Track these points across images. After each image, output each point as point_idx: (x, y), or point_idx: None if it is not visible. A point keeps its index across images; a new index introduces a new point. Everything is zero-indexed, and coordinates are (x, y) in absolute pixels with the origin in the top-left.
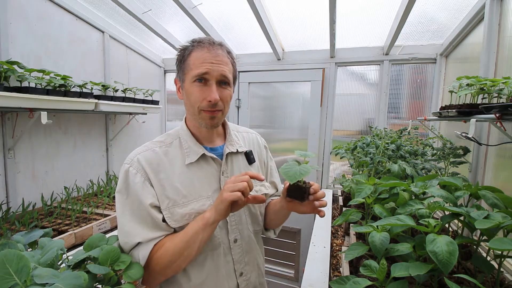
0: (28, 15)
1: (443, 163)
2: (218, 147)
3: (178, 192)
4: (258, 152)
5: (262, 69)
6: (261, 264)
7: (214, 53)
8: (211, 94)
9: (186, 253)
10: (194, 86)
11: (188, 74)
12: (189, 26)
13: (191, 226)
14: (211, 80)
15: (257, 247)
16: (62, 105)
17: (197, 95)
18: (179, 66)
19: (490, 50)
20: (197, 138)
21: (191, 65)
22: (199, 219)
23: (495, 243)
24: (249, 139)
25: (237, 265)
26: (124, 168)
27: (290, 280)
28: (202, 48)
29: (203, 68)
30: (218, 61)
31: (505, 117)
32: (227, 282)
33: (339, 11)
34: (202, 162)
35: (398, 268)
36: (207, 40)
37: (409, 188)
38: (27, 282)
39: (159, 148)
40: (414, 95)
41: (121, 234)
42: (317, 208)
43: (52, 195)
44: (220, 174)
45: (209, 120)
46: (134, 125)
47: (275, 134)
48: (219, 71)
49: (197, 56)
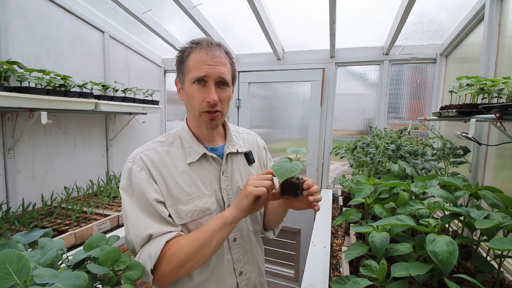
0: (28, 15)
1: (443, 163)
2: (218, 147)
3: (181, 190)
4: (258, 153)
5: (262, 69)
6: (261, 264)
7: (212, 55)
8: (209, 95)
9: (201, 253)
10: (193, 88)
11: (187, 76)
12: (189, 26)
13: (209, 226)
14: (210, 81)
15: (256, 247)
16: (62, 105)
17: (196, 96)
18: (178, 68)
19: (490, 50)
20: (198, 138)
21: (190, 67)
22: (218, 219)
23: (495, 243)
24: (249, 140)
25: (236, 264)
26: (128, 166)
27: (290, 280)
28: (200, 50)
29: (201, 71)
30: (216, 62)
31: (505, 117)
32: (227, 281)
33: (339, 11)
34: (203, 162)
35: (398, 268)
36: (205, 41)
37: (409, 188)
38: (27, 282)
39: (161, 147)
40: (414, 95)
41: (132, 229)
42: (311, 203)
43: (52, 195)
44: (220, 174)
45: (209, 122)
46: (134, 125)
47: (275, 134)
48: (217, 72)
49: (195, 58)
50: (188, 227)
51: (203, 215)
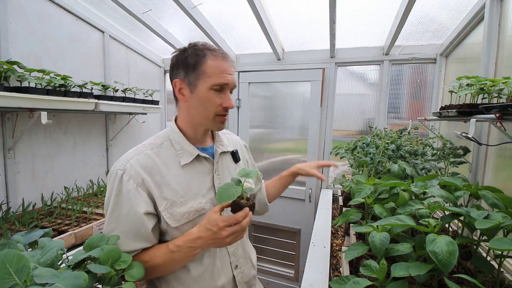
0: (28, 15)
1: (443, 163)
2: (208, 147)
3: (175, 193)
4: (241, 151)
5: (262, 69)
6: (253, 257)
7: (229, 64)
8: (229, 101)
9: (169, 268)
10: (211, 93)
11: (204, 81)
12: (189, 26)
13: (178, 254)
14: (227, 89)
15: (248, 241)
16: (62, 105)
17: (214, 101)
18: (187, 70)
19: (490, 50)
20: (189, 139)
21: (209, 73)
22: (190, 250)
23: (495, 243)
24: (233, 140)
25: (232, 258)
26: (117, 174)
27: (290, 280)
28: (217, 57)
29: (224, 79)
30: (232, 71)
31: (505, 117)
32: (224, 275)
33: (339, 11)
34: (196, 162)
35: (398, 268)
36: (218, 49)
37: (409, 188)
38: (27, 282)
39: (151, 150)
40: (414, 95)
41: (106, 228)
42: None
43: (52, 195)
44: (214, 173)
45: (221, 124)
46: (134, 125)
47: (275, 134)
48: (234, 81)
49: (216, 65)
50: (182, 229)
51: (199, 215)
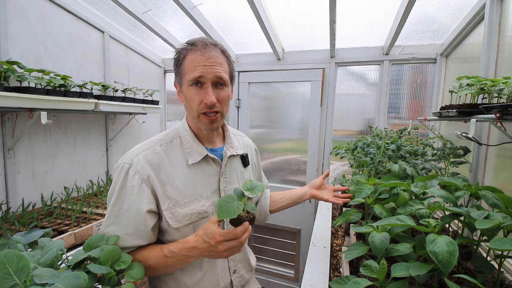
0: (28, 15)
1: (443, 163)
2: (218, 148)
3: (179, 192)
4: (251, 155)
5: (262, 69)
6: (252, 261)
7: (207, 55)
8: (207, 96)
9: (162, 271)
10: (191, 90)
11: (184, 78)
12: (189, 26)
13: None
14: (207, 82)
15: (246, 245)
16: (62, 105)
17: (194, 98)
18: (176, 70)
19: (490, 50)
20: (198, 138)
21: (186, 69)
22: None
23: (495, 243)
24: (244, 143)
25: (231, 263)
26: (124, 168)
27: (290, 280)
28: (195, 51)
29: (197, 72)
30: (212, 62)
31: (505, 117)
32: (222, 279)
33: (339, 11)
34: (203, 163)
35: (398, 268)
36: (200, 42)
37: (409, 188)
38: (27, 282)
39: (160, 146)
40: (414, 95)
41: (105, 221)
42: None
43: (52, 195)
44: (220, 176)
45: (208, 125)
46: (134, 125)
47: (275, 134)
48: (213, 72)
49: (191, 59)
50: (183, 231)
51: (201, 217)
